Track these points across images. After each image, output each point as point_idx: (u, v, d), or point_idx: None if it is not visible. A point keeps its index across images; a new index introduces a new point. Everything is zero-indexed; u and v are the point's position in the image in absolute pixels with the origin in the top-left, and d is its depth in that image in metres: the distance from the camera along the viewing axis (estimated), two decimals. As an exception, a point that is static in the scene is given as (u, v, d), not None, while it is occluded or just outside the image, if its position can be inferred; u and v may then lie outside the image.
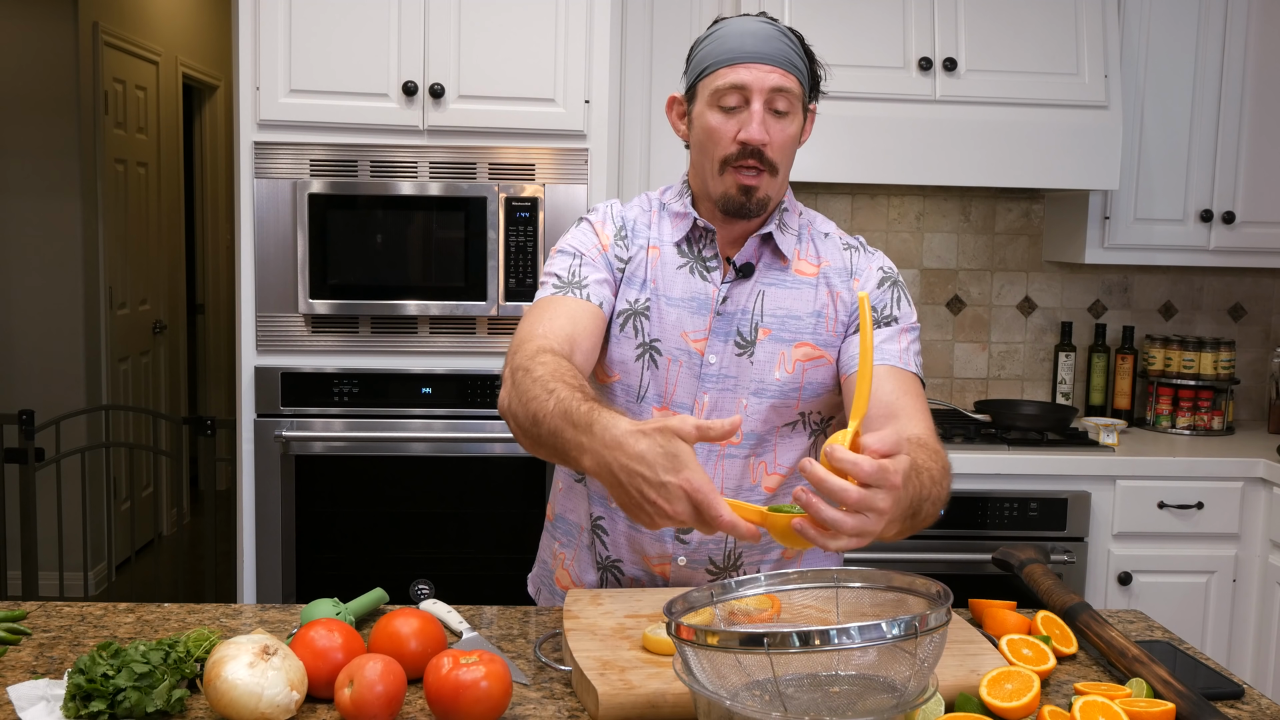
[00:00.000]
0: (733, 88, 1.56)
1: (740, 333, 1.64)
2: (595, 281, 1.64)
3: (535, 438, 1.40)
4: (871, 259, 1.71)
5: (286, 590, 2.96)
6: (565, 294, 1.62)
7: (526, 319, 1.60)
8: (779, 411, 1.65)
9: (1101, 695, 1.28)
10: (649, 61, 3.15)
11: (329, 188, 2.89)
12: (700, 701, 1.12)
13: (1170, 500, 3.00)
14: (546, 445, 1.39)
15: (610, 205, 1.74)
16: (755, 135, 1.56)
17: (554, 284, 1.64)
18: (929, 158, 3.03)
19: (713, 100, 1.58)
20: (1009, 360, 3.63)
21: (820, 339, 1.65)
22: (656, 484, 1.21)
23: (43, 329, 4.59)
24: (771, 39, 1.57)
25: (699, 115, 1.61)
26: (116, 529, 4.68)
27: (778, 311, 1.65)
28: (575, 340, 1.55)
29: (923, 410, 1.58)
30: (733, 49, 1.57)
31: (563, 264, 1.66)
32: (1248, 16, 3.22)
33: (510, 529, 2.98)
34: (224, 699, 1.20)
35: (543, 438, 1.38)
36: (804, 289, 1.66)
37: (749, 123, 1.56)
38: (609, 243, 1.68)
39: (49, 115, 4.54)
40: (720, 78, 1.57)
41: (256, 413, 2.93)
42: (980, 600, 1.62)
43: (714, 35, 1.61)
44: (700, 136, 1.62)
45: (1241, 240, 3.28)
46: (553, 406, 1.36)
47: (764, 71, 1.56)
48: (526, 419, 1.41)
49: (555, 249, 1.70)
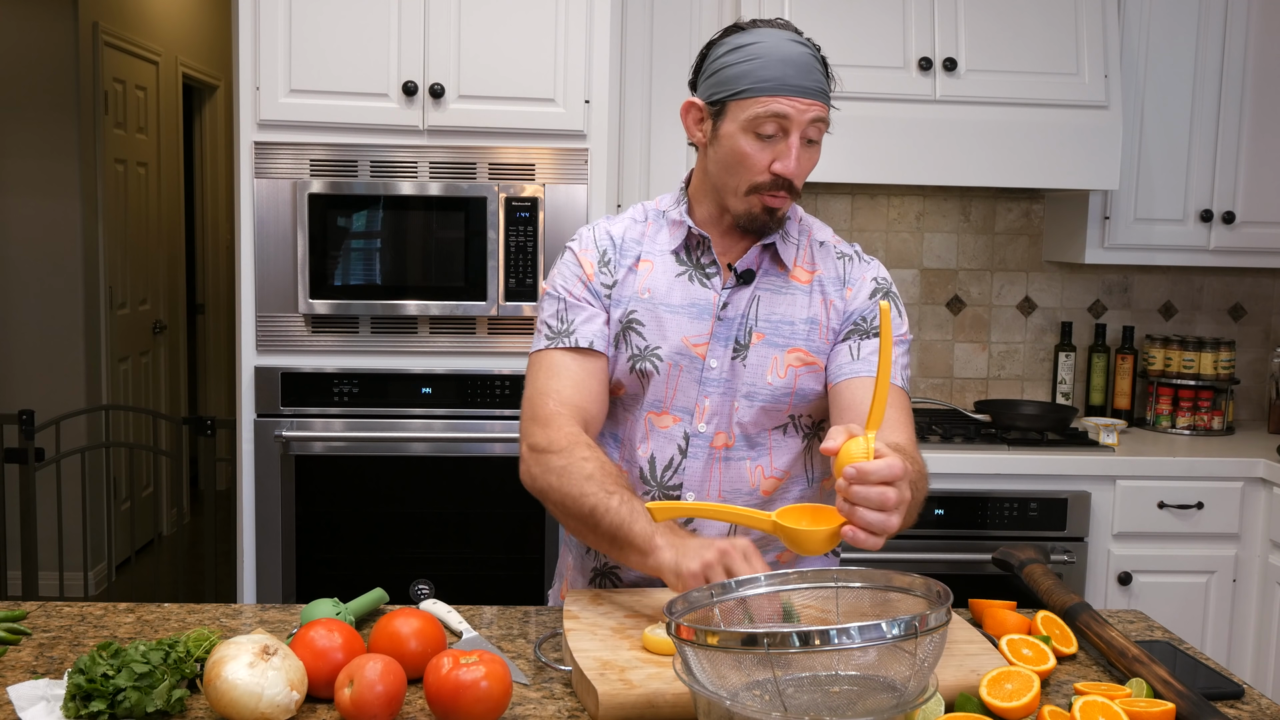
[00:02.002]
0: (773, 117, 1.55)
1: (737, 338, 1.65)
2: (583, 322, 1.66)
3: (590, 528, 1.56)
4: (866, 268, 1.71)
5: (286, 590, 2.96)
6: (556, 346, 1.66)
7: (532, 380, 1.67)
8: (769, 414, 1.66)
9: (1101, 695, 1.28)
10: (649, 61, 3.15)
11: (329, 188, 2.89)
12: (700, 701, 1.12)
13: (1170, 500, 3.00)
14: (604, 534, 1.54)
15: (593, 229, 1.73)
16: (792, 170, 1.57)
17: (546, 335, 1.68)
18: (929, 158, 3.03)
19: (749, 125, 1.56)
20: (1009, 360, 3.63)
21: (812, 345, 1.66)
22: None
23: (43, 329, 4.59)
24: (811, 69, 1.57)
25: (729, 136, 1.59)
26: (116, 529, 4.68)
27: (772, 317, 1.65)
28: (584, 408, 1.64)
29: (906, 422, 1.63)
30: (775, 78, 1.54)
31: (550, 310, 1.70)
32: (1248, 16, 3.22)
33: (510, 529, 2.98)
34: (224, 699, 1.20)
35: (600, 528, 1.53)
36: (798, 295, 1.67)
37: (785, 155, 1.57)
38: (593, 271, 1.69)
39: (49, 115, 4.54)
40: (760, 105, 1.55)
41: (256, 413, 2.93)
42: (980, 600, 1.62)
43: (747, 52, 1.57)
44: (729, 157, 1.60)
45: (1241, 240, 3.28)
46: (617, 505, 1.52)
47: (805, 105, 1.55)
48: (579, 513, 1.56)
49: (544, 288, 1.73)
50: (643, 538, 1.48)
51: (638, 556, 1.49)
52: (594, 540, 1.56)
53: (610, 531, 1.51)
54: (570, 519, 1.58)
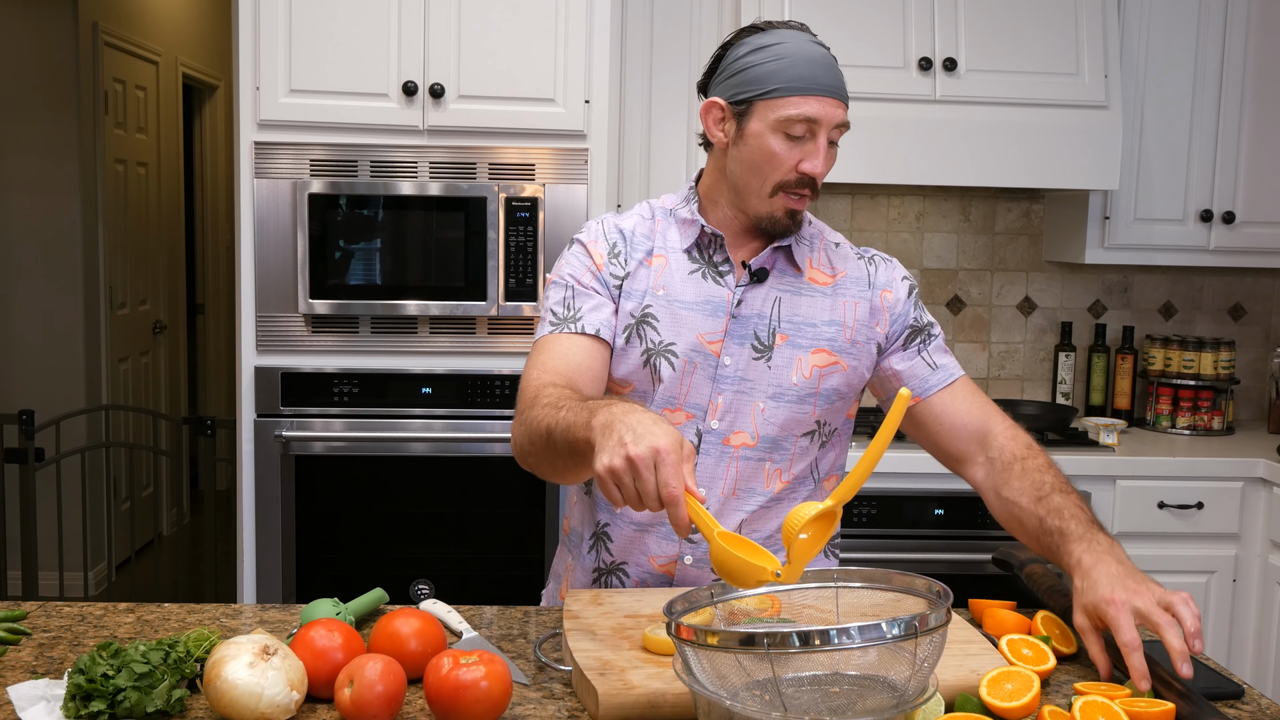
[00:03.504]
0: (804, 119, 1.57)
1: (757, 336, 1.65)
2: (590, 310, 1.65)
3: (550, 447, 1.46)
4: (894, 270, 1.75)
5: (286, 590, 2.96)
6: (561, 331, 1.64)
7: (528, 364, 1.65)
8: (796, 418, 1.66)
9: (1101, 695, 1.28)
10: (649, 61, 3.15)
11: (329, 188, 2.89)
12: (700, 701, 1.12)
13: (1170, 500, 3.00)
14: (560, 448, 1.43)
15: (601, 221, 1.74)
16: (820, 170, 1.59)
17: (551, 321, 1.67)
18: (929, 158, 3.03)
19: (778, 126, 1.58)
20: (1009, 360, 3.63)
21: (836, 346, 1.67)
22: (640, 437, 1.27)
23: (43, 329, 4.59)
24: (834, 70, 1.60)
25: (757, 136, 1.59)
26: (116, 529, 4.68)
27: (794, 318, 1.67)
28: (573, 378, 1.60)
29: (995, 408, 1.70)
30: (804, 78, 1.56)
31: (557, 297, 1.68)
32: (1248, 16, 3.22)
33: (510, 529, 2.98)
34: (224, 699, 1.20)
35: (556, 443, 1.43)
36: (819, 297, 1.68)
37: (814, 155, 1.58)
38: (603, 262, 1.69)
39: (49, 115, 4.54)
40: (791, 106, 1.56)
41: (256, 413, 2.93)
42: (980, 600, 1.61)
43: (773, 52, 1.58)
44: (755, 157, 1.61)
45: (1241, 240, 3.28)
46: (563, 414, 1.43)
47: (834, 107, 1.58)
48: (540, 437, 1.47)
49: (550, 278, 1.72)
50: (583, 427, 1.36)
51: (586, 449, 1.36)
52: (564, 465, 1.47)
53: (565, 443, 1.41)
54: (543, 460, 1.52)
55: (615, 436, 1.29)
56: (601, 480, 1.30)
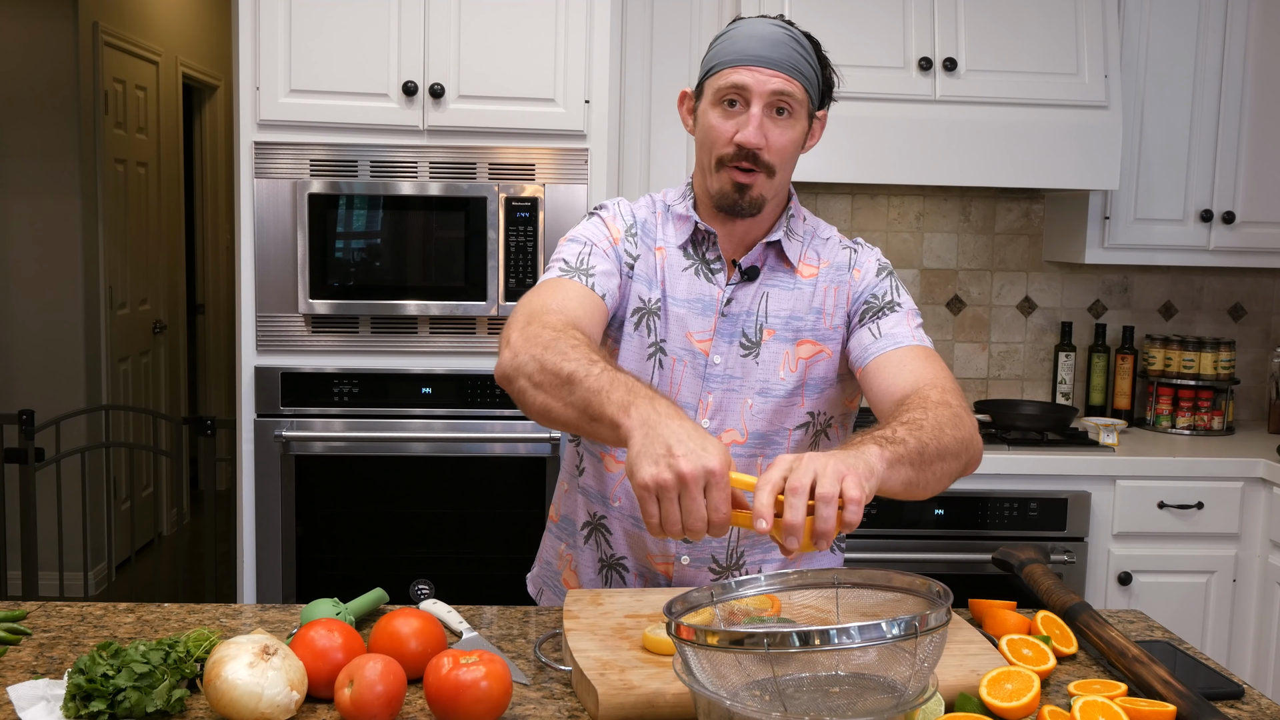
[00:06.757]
0: (734, 88, 1.58)
1: (745, 334, 1.66)
2: (602, 272, 1.63)
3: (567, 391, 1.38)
4: (870, 253, 1.73)
5: (286, 590, 2.96)
6: (571, 277, 1.61)
7: (533, 295, 1.58)
8: (785, 412, 1.66)
9: (1101, 695, 1.28)
10: (649, 61, 3.15)
11: (329, 188, 2.89)
12: (700, 701, 1.12)
13: (1170, 500, 3.00)
14: (578, 401, 1.36)
15: (618, 202, 1.75)
16: (751, 139, 1.58)
17: (560, 267, 1.64)
18: (929, 158, 3.03)
19: (715, 99, 1.61)
20: (1009, 360, 3.63)
21: (819, 333, 1.67)
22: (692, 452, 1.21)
23: (43, 329, 4.59)
24: (780, 44, 1.58)
25: (702, 113, 1.64)
26: (116, 529, 4.67)
27: (781, 313, 1.67)
28: (580, 325, 1.53)
29: (936, 368, 1.57)
30: (739, 50, 1.59)
31: (571, 251, 1.66)
32: (1248, 16, 3.22)
33: (510, 529, 2.98)
34: (224, 699, 1.20)
35: (576, 394, 1.36)
36: (805, 289, 1.68)
37: (746, 125, 1.58)
38: (620, 236, 1.69)
39: (49, 115, 4.54)
40: (724, 77, 1.59)
41: (256, 413, 2.93)
42: (980, 600, 1.62)
43: (725, 37, 1.63)
44: (701, 135, 1.65)
45: (1241, 240, 3.28)
46: (596, 370, 1.35)
47: (766, 75, 1.57)
48: (558, 375, 1.38)
49: (565, 238, 1.70)
50: (618, 407, 1.30)
51: (608, 430, 1.33)
52: (563, 409, 1.39)
53: (585, 397, 1.35)
54: (544, 389, 1.41)
55: (662, 444, 1.22)
56: (642, 492, 1.23)
